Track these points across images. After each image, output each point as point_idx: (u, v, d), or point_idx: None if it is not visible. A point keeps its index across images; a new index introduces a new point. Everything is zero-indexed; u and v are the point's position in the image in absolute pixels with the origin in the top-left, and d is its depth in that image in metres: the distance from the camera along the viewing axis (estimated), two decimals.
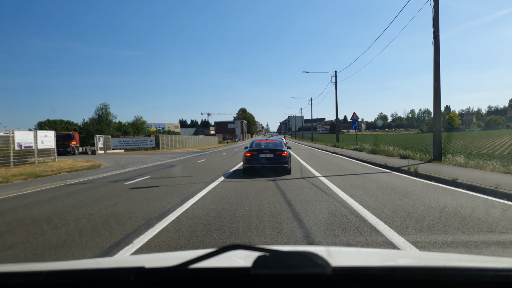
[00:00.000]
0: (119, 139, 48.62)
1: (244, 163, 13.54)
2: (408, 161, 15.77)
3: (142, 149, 48.73)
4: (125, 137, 49.30)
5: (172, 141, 56.63)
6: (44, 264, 1.70)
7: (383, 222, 5.59)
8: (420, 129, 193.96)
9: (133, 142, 48.69)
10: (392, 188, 9.40)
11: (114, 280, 1.22)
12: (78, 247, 4.77)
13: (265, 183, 10.73)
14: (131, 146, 48.50)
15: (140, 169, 18.55)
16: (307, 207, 6.91)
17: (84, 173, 17.13)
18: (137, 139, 49.24)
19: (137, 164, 22.81)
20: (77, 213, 7.14)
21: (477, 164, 12.77)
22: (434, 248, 4.33)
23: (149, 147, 49.08)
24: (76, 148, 44.39)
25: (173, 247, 4.61)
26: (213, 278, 1.22)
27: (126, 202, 8.26)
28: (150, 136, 50.31)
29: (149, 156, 33.35)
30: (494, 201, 7.14)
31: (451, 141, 43.82)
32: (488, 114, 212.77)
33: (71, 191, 10.68)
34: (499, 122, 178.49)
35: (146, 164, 22.11)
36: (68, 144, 43.30)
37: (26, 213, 7.47)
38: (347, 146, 33.96)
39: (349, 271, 1.23)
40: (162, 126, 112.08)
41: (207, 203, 7.70)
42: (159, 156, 33.74)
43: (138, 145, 48.77)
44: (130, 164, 22.73)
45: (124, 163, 24.07)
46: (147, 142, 49.14)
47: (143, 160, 26.50)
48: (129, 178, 13.79)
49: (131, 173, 15.99)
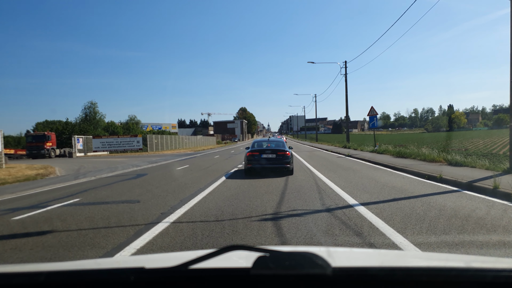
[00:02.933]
0: (102, 140, 43.28)
1: (246, 164, 13.10)
2: (471, 171, 10.82)
3: (127, 151, 43.55)
4: (109, 138, 43.88)
5: (163, 142, 51.47)
6: (44, 265, 1.78)
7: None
8: (425, 128, 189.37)
9: (117, 144, 43.39)
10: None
11: (115, 281, 1.21)
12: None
13: (259, 224, 5.64)
14: (115, 148, 43.26)
15: (91, 181, 13.43)
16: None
17: (4, 188, 12.04)
18: (122, 140, 43.90)
19: (103, 171, 17.75)
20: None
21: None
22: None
23: (135, 149, 43.85)
24: (52, 150, 39.40)
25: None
26: (213, 278, 1.21)
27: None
28: (136, 136, 44.92)
29: (128, 160, 28.25)
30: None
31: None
32: (495, 112, 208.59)
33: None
34: (507, 121, 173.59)
35: (112, 172, 17.05)
36: (42, 146, 38.32)
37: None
38: (361, 147, 28.80)
39: (349, 272, 1.23)
40: (159, 126, 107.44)
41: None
42: (141, 159, 28.64)
43: (123, 147, 43.50)
44: (92, 172, 17.67)
45: (86, 170, 19.00)
46: (134, 143, 43.86)
47: (114, 166, 21.41)
48: (39, 204, 8.63)
49: (63, 191, 10.86)
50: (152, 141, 46.85)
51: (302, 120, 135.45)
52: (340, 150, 29.16)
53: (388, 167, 14.47)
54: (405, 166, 13.65)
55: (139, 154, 39.83)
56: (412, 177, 11.44)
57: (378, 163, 16.36)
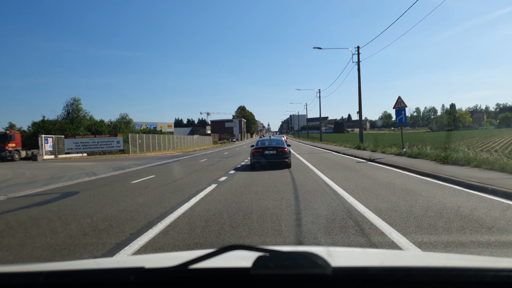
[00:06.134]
0: (76, 140, 37.47)
1: (251, 159, 15.13)
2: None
3: (106, 153, 37.96)
4: (84, 138, 38.06)
5: (150, 142, 45.97)
6: (44, 265, 1.69)
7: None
8: (429, 127, 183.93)
9: (93, 144, 37.65)
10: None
11: (114, 280, 1.21)
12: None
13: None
14: (91, 149, 37.56)
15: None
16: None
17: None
18: (99, 140, 38.08)
19: (20, 187, 12.37)
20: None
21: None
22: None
23: (115, 150, 38.21)
24: (16, 152, 33.88)
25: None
26: (213, 278, 1.21)
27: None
28: (116, 136, 39.15)
29: (92, 165, 22.76)
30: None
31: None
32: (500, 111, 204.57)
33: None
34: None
35: (35, 189, 11.65)
36: (3, 147, 32.81)
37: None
38: (382, 148, 23.34)
39: (349, 271, 1.22)
40: (154, 126, 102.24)
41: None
42: (110, 164, 23.15)
43: (100, 148, 37.79)
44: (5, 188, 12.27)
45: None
46: (113, 144, 38.12)
47: (58, 176, 15.98)
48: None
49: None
50: (135, 141, 41.31)
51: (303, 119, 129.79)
52: (355, 152, 23.70)
53: (461, 184, 8.93)
54: (484, 181, 8.25)
55: (116, 157, 34.26)
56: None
57: (423, 172, 10.86)
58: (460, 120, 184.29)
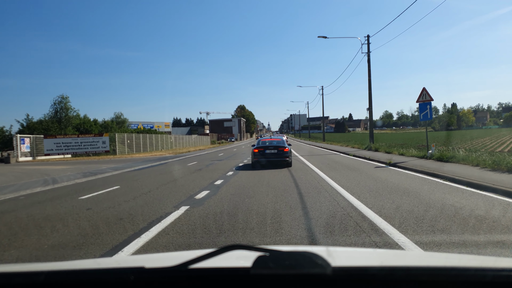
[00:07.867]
0: (57, 140, 34.04)
1: (253, 158, 15.47)
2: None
3: (90, 154, 34.65)
4: (66, 138, 34.65)
5: (141, 142, 42.72)
6: (44, 264, 1.71)
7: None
8: (432, 127, 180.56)
9: (77, 145, 34.28)
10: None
11: (114, 280, 1.20)
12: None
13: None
14: (74, 150, 34.23)
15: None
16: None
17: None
18: (83, 140, 34.67)
19: None
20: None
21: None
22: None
23: (100, 151, 34.91)
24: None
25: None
26: (213, 278, 1.20)
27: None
28: (102, 136, 35.78)
29: (65, 169, 19.51)
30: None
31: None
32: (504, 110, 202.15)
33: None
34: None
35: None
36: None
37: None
38: (398, 149, 20.11)
39: (349, 271, 1.21)
40: (151, 125, 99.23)
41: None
42: (85, 167, 19.90)
43: (84, 149, 34.43)
44: None
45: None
46: (98, 144, 34.79)
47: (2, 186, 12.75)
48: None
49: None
50: (123, 142, 38.03)
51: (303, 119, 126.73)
52: (367, 154, 20.47)
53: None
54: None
55: (100, 159, 30.95)
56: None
57: (501, 188, 7.62)
58: (463, 120, 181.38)
